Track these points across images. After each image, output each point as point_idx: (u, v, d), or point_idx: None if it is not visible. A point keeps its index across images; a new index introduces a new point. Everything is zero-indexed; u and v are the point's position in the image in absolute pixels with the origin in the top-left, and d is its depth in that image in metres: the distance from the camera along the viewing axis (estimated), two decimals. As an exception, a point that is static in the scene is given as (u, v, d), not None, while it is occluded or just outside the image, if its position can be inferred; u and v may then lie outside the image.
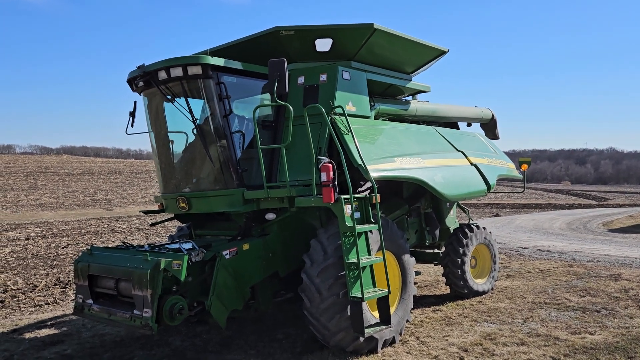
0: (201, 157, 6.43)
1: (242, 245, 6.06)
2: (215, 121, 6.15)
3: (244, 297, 6.08)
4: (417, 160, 6.87)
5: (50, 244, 19.62)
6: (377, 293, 5.62)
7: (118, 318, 5.57)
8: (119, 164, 72.31)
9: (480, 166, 8.10)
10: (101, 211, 40.04)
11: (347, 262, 5.52)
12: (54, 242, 20.42)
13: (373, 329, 5.64)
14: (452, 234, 8.58)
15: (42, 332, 7.45)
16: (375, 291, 5.65)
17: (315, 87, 6.58)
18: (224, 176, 6.24)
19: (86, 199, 46.44)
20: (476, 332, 6.62)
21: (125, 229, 25.15)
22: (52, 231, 24.67)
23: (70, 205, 42.82)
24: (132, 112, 6.98)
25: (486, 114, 10.28)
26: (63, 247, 18.61)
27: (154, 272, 5.22)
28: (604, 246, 15.05)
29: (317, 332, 5.97)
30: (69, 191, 50.19)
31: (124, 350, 6.50)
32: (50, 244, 19.62)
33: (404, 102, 8.20)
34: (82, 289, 6.08)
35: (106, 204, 44.03)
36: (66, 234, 23.46)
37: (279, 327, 7.23)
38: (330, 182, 5.52)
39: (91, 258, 6.08)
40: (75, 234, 23.36)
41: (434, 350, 6.04)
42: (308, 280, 5.90)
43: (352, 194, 5.65)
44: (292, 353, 6.20)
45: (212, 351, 6.40)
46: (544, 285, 9.27)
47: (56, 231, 24.65)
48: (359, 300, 5.45)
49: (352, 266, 5.53)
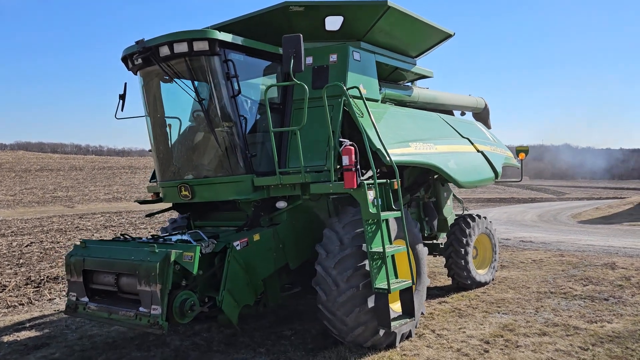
0: (206, 141, 5.95)
1: (252, 235, 5.62)
2: (222, 102, 5.68)
3: (256, 292, 5.65)
4: (429, 146, 6.59)
5: (12, 243, 18.55)
6: (402, 284, 5.30)
7: (120, 317, 5.06)
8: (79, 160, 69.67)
9: (487, 153, 7.90)
10: (62, 208, 38.49)
11: (371, 252, 5.17)
12: (14, 240, 19.33)
13: (398, 322, 5.31)
14: (455, 224, 8.35)
15: (22, 335, 6.82)
16: (399, 282, 5.33)
17: (324, 67, 6.21)
18: (232, 162, 5.79)
19: (45, 196, 44.57)
20: (492, 324, 6.39)
21: (91, 226, 24.10)
22: (11, 229, 23.44)
23: (29, 202, 41.00)
24: (122, 94, 6.43)
25: (480, 103, 10.13)
26: (26, 245, 17.60)
27: (163, 265, 4.74)
28: (584, 237, 15.22)
29: (332, 327, 5.60)
30: (27, 188, 48.06)
31: (118, 353, 5.98)
32: (12, 243, 18.55)
33: (407, 88, 7.91)
34: (76, 285, 5.52)
35: (67, 201, 42.37)
36: (27, 232, 22.30)
37: (283, 322, 6.83)
38: (352, 166, 5.16)
39: (86, 251, 5.53)
40: (37, 232, 22.22)
41: (455, 343, 5.77)
42: (323, 272, 5.53)
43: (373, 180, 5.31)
44: (304, 350, 5.82)
45: (217, 350, 5.95)
46: (543, 275, 9.17)
47: (16, 229, 23.43)
48: (384, 292, 5.11)
49: (375, 256, 5.19)
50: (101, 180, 55.79)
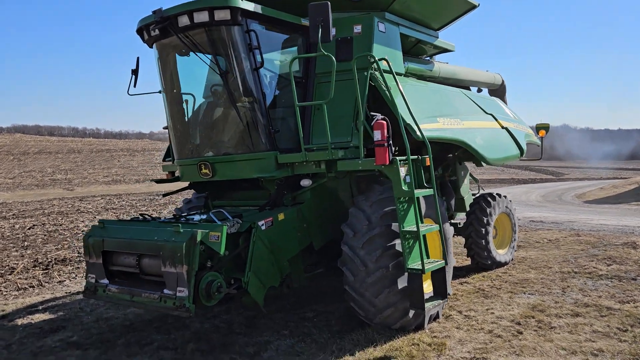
0: (227, 117, 5.68)
1: (277, 214, 5.41)
2: (244, 76, 5.41)
3: (281, 273, 5.46)
4: (456, 122, 6.35)
5: (14, 225, 18.34)
6: (435, 264, 5.10)
7: (144, 299, 4.85)
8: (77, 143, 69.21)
9: (511, 130, 7.66)
10: (62, 191, 38.20)
11: (403, 231, 4.96)
12: (17, 223, 19.12)
13: (431, 303, 5.13)
14: (475, 203, 8.15)
15: (36, 318, 6.64)
16: (431, 262, 5.12)
17: (348, 39, 5.93)
18: (254, 138, 5.54)
19: (45, 178, 44.25)
20: (519, 305, 6.22)
21: (92, 209, 23.88)
22: (12, 212, 23.22)
23: (28, 185, 40.72)
24: (134, 69, 6.17)
25: (497, 79, 9.86)
26: (29, 227, 17.39)
27: (189, 245, 4.52)
28: (595, 216, 15.05)
29: (359, 308, 5.42)
30: (26, 171, 47.73)
31: (137, 335, 5.80)
32: (14, 225, 18.34)
33: (428, 62, 7.64)
34: (95, 267, 5.31)
35: (67, 184, 42.07)
36: (28, 214, 22.08)
37: (304, 304, 6.65)
38: (384, 142, 4.92)
39: (105, 232, 5.30)
40: (39, 214, 22.00)
41: (485, 324, 5.60)
42: (350, 252, 5.32)
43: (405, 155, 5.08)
44: (330, 332, 5.65)
45: (238, 333, 5.78)
46: (562, 254, 9.00)
47: (17, 212, 23.22)
48: (418, 273, 4.92)
49: (407, 235, 4.98)
50: (100, 163, 55.43)
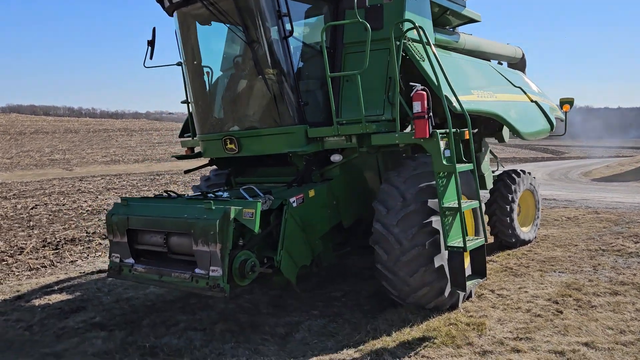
0: (254, 89, 5.42)
1: (307, 191, 5.19)
2: (272, 46, 5.13)
3: (313, 251, 5.26)
4: (489, 94, 6.10)
5: (16, 205, 18.09)
6: (475, 242, 4.90)
7: (173, 279, 4.65)
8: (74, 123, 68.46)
9: (540, 104, 7.42)
10: (61, 171, 37.79)
11: (443, 207, 4.75)
12: (18, 203, 18.87)
13: (471, 283, 4.94)
14: (499, 180, 7.95)
15: (53, 298, 6.45)
16: (472, 240, 4.93)
17: (378, 7, 5.62)
18: (283, 111, 5.28)
19: (43, 158, 43.84)
20: (552, 283, 6.06)
21: (93, 188, 23.63)
22: (12, 192, 22.95)
23: (27, 165, 40.37)
24: (151, 40, 5.88)
25: (518, 52, 9.57)
26: (31, 207, 17.15)
27: (223, 222, 4.31)
28: (607, 194, 14.91)
29: (392, 287, 5.23)
30: (23, 151, 47.28)
31: (162, 316, 5.61)
32: (16, 205, 18.09)
33: (454, 33, 7.34)
34: (120, 246, 5.10)
35: (65, 164, 41.69)
36: (29, 194, 21.84)
37: (329, 283, 6.47)
38: (425, 114, 4.67)
39: (129, 210, 5.08)
40: (40, 194, 21.75)
41: (521, 303, 5.43)
42: (384, 230, 5.11)
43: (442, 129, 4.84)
44: (360, 312, 5.49)
45: (267, 313, 5.60)
46: (584, 232, 8.84)
47: (17, 192, 22.96)
48: (460, 251, 4.72)
49: (447, 212, 4.77)
50: (98, 143, 54.92)
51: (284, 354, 4.53)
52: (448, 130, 4.75)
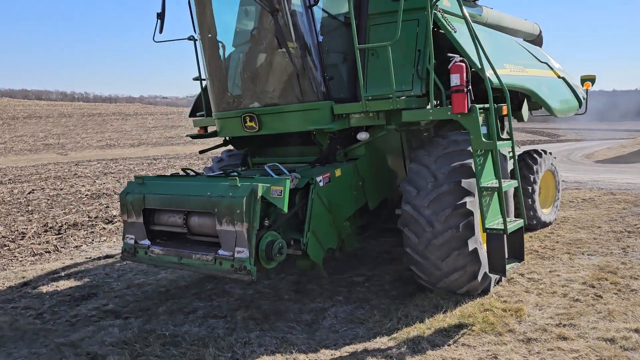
0: (276, 63, 5.08)
1: (334, 170, 4.89)
2: (296, 15, 4.80)
3: (340, 234, 4.98)
4: (520, 69, 5.80)
5: (12, 190, 17.73)
6: (515, 223, 4.63)
7: (194, 261, 4.35)
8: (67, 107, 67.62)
9: (567, 80, 7.12)
10: (55, 156, 37.33)
11: (481, 187, 4.47)
12: (15, 187, 18.50)
13: (509, 267, 4.68)
14: (520, 160, 7.66)
15: (61, 285, 6.16)
16: (512, 221, 4.66)
17: None
18: (307, 86, 4.96)
19: (37, 143, 43.24)
20: (584, 266, 5.82)
21: (89, 173, 23.26)
22: (8, 177, 22.57)
23: (21, 150, 39.80)
24: (160, 13, 5.53)
25: (535, 29, 9.22)
26: (28, 192, 16.79)
27: (250, 200, 4.01)
28: (617, 175, 14.72)
29: (421, 272, 4.97)
30: (17, 136, 46.62)
31: (179, 303, 5.34)
32: (12, 190, 17.73)
33: (476, 6, 7.00)
34: (135, 227, 4.79)
35: (60, 149, 41.17)
36: (25, 179, 21.45)
37: (346, 268, 6.19)
38: (464, 87, 4.36)
39: (145, 188, 4.76)
40: (35, 179, 21.37)
41: (556, 287, 5.19)
42: (414, 212, 4.83)
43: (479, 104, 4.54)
44: (388, 297, 5.22)
45: (289, 299, 5.33)
46: (605, 213, 8.61)
47: (13, 177, 22.57)
48: (500, 233, 4.45)
49: (485, 191, 4.50)
50: (92, 127, 54.27)
51: (314, 343, 4.27)
52: (487, 106, 4.45)
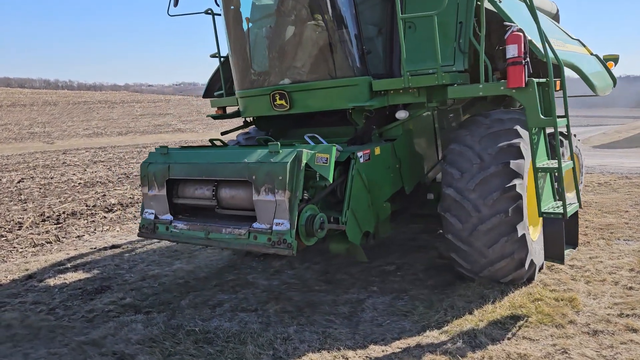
0: (309, 36, 4.67)
1: (373, 148, 4.53)
2: None
3: (378, 217, 4.62)
4: (560, 44, 5.46)
5: (1, 179, 17.14)
6: (572, 207, 4.32)
7: (224, 236, 3.95)
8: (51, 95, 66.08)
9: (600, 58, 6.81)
10: (42, 144, 36.41)
11: (537, 168, 4.15)
12: (3, 176, 17.90)
13: (566, 253, 4.37)
14: (545, 143, 7.37)
15: (69, 277, 5.75)
16: (570, 204, 4.35)
17: None
18: (342, 60, 4.57)
19: (22, 132, 42.23)
20: (625, 252, 5.55)
21: (79, 161, 22.65)
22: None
23: (6, 139, 38.75)
24: None
25: (553, 8, 8.89)
26: (18, 181, 16.21)
27: (294, 167, 3.63)
28: (622, 159, 14.56)
29: (463, 260, 4.65)
30: (1, 124, 45.51)
31: (201, 295, 4.97)
32: (1, 179, 17.14)
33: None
34: (156, 200, 4.37)
35: (46, 137, 40.18)
36: (12, 168, 20.79)
37: (375, 257, 5.83)
38: (522, 59, 4.01)
39: (170, 157, 4.35)
40: (24, 168, 20.72)
41: (604, 275, 4.90)
42: (458, 195, 4.50)
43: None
44: (426, 287, 4.91)
45: (319, 290, 4.99)
46: (627, 197, 8.37)
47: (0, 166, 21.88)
48: (559, 217, 4.13)
49: (540, 173, 4.18)
50: (78, 116, 53.16)
51: (360, 338, 3.94)
52: (547, 80, 4.11)
